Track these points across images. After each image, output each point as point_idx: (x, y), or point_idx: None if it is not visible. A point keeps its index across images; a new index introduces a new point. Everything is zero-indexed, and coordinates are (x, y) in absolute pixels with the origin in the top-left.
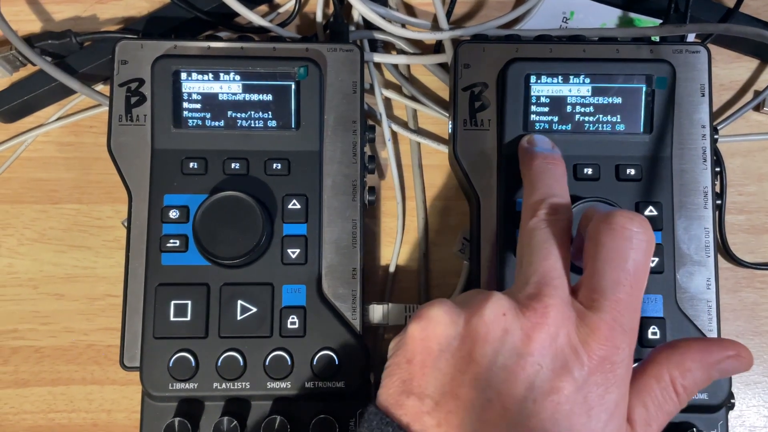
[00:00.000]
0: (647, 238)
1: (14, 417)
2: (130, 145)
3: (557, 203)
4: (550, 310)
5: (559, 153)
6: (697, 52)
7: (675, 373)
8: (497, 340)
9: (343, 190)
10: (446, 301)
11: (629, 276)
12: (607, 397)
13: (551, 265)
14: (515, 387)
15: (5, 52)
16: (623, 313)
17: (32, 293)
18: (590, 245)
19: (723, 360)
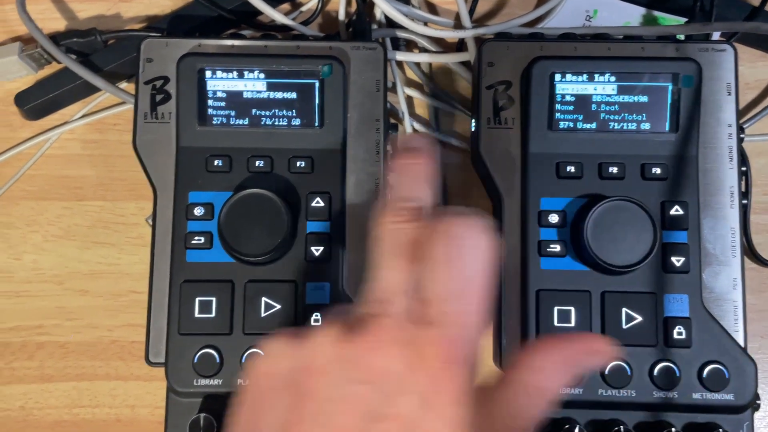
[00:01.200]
0: (481, 244)
1: (39, 412)
2: (156, 142)
3: (409, 208)
4: (384, 333)
5: (429, 151)
6: (723, 51)
7: (531, 377)
8: (330, 371)
9: (366, 188)
10: (288, 333)
11: (466, 288)
12: (453, 416)
13: (394, 281)
14: (349, 417)
15: (31, 50)
16: (461, 325)
17: (57, 289)
18: (425, 256)
19: (578, 355)
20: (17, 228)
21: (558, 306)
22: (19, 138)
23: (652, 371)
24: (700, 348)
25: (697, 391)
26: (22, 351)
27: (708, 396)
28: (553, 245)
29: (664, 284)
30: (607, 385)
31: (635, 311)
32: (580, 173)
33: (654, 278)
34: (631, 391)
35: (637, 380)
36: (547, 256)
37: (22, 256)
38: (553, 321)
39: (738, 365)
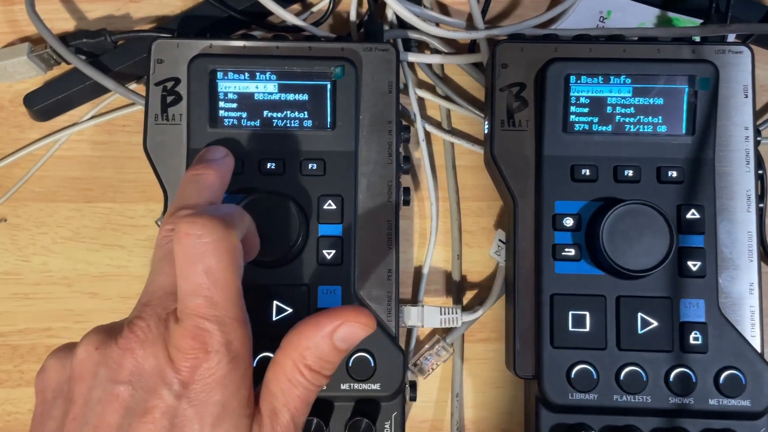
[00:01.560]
0: (214, 238)
1: None
2: (166, 144)
3: (182, 215)
4: (139, 333)
5: (220, 163)
6: (740, 53)
7: (295, 356)
8: (90, 375)
9: (378, 190)
10: (62, 347)
11: (204, 281)
12: (210, 402)
13: (159, 284)
14: (111, 417)
15: (40, 51)
16: (207, 318)
17: (66, 292)
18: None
19: (337, 329)
20: (26, 230)
21: (572, 310)
22: (28, 139)
23: (667, 377)
24: (717, 353)
25: (713, 397)
26: (31, 354)
27: (724, 402)
28: (568, 249)
29: (679, 289)
30: (622, 390)
31: (651, 316)
32: (595, 176)
33: (670, 283)
34: (647, 397)
35: (653, 386)
36: (562, 260)
37: (31, 258)
38: (567, 325)
39: (755, 371)
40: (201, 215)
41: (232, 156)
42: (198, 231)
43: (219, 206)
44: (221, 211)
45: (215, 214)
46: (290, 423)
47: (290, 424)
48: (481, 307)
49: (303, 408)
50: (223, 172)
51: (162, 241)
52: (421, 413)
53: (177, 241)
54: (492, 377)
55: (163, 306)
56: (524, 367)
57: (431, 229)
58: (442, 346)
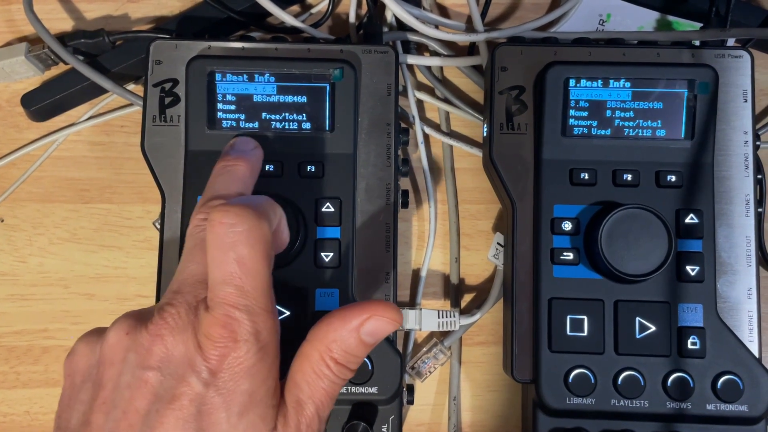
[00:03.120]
0: (247, 227)
1: (44, 417)
2: (164, 145)
3: (215, 204)
4: (169, 320)
5: (251, 155)
6: (740, 57)
7: (322, 348)
8: (120, 360)
9: (377, 193)
10: (91, 331)
11: (236, 270)
12: (238, 391)
13: (191, 272)
14: (139, 402)
15: (37, 51)
16: (238, 307)
17: (63, 293)
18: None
19: (364, 323)
20: (23, 230)
21: (571, 315)
22: (25, 139)
23: (665, 381)
24: (715, 358)
25: (710, 402)
26: (28, 355)
27: (722, 407)
28: (566, 253)
29: (678, 293)
30: (620, 395)
31: (649, 321)
32: (593, 180)
33: (668, 287)
34: (644, 402)
35: (650, 390)
36: (560, 264)
37: (27, 259)
38: (565, 330)
39: (752, 376)
40: (234, 204)
41: (261, 148)
42: (231, 219)
43: (251, 197)
44: (254, 201)
45: (249, 203)
46: (315, 415)
47: (314, 417)
48: (479, 310)
49: (327, 401)
50: (253, 163)
51: (194, 230)
52: (418, 416)
53: (210, 229)
54: (490, 381)
55: (194, 294)
56: (522, 371)
57: (429, 232)
58: (439, 350)
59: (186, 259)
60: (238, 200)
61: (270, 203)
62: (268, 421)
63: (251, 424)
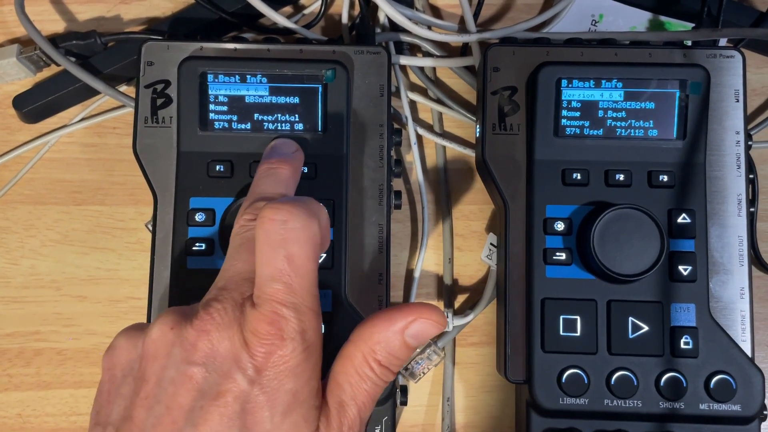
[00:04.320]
0: (299, 225)
1: (36, 420)
2: (156, 147)
3: (261, 206)
4: (215, 315)
5: (293, 157)
6: (731, 57)
7: (366, 350)
8: (164, 355)
9: (369, 194)
10: (133, 326)
11: (285, 267)
12: (282, 390)
13: (237, 270)
14: (183, 398)
15: (29, 53)
16: (286, 305)
17: (55, 295)
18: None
19: (409, 325)
20: (15, 232)
21: (563, 315)
22: (17, 141)
23: (658, 381)
24: (707, 358)
25: (703, 401)
26: (19, 357)
27: (715, 407)
28: (559, 253)
29: (670, 293)
30: (613, 395)
31: (641, 320)
32: (586, 180)
33: (661, 287)
34: (637, 402)
35: (643, 390)
36: (553, 264)
37: (19, 261)
38: (558, 330)
39: (745, 376)
40: (286, 202)
41: (302, 151)
42: (283, 217)
43: (301, 197)
44: (304, 200)
45: (301, 202)
46: (357, 417)
47: (356, 418)
48: (472, 311)
49: (369, 403)
50: (296, 166)
51: (240, 230)
52: (412, 418)
53: (260, 226)
54: (483, 381)
55: (240, 291)
56: (515, 371)
57: (423, 233)
58: (433, 350)
59: (232, 257)
60: (289, 199)
61: (318, 204)
62: (311, 422)
63: (294, 425)
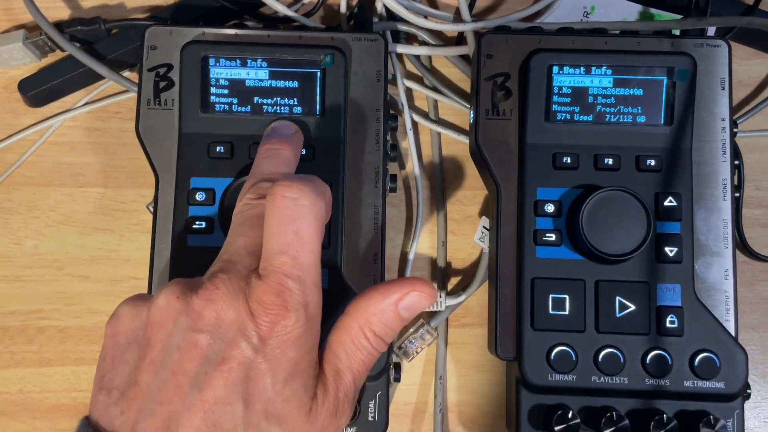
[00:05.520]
0: (308, 202)
1: (38, 395)
2: (158, 128)
3: (266, 186)
4: (220, 285)
5: (293, 138)
6: (717, 46)
7: (362, 320)
8: (170, 322)
9: (366, 176)
10: (136, 296)
11: (293, 241)
12: (285, 358)
13: (241, 244)
14: (188, 363)
15: (35, 38)
16: (291, 277)
17: (57, 274)
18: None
19: (403, 297)
20: (18, 213)
21: (553, 294)
22: (21, 124)
23: (644, 359)
24: (692, 337)
25: (688, 379)
26: (21, 335)
27: (699, 384)
28: (549, 234)
29: (657, 274)
30: (600, 372)
31: (628, 300)
32: (576, 164)
33: (647, 268)
34: (624, 379)
35: (630, 368)
36: (543, 245)
37: (22, 241)
38: (548, 308)
39: (729, 354)
40: (298, 180)
41: (301, 132)
42: (294, 194)
43: (308, 176)
44: (312, 179)
45: (310, 180)
46: (352, 384)
47: (351, 386)
48: (464, 292)
49: (363, 372)
50: (296, 147)
51: (243, 208)
52: (405, 396)
53: (271, 202)
54: (475, 361)
55: (244, 264)
56: (505, 349)
57: (417, 216)
58: (426, 330)
59: (235, 232)
60: (299, 177)
61: (324, 183)
62: (310, 389)
63: (294, 392)
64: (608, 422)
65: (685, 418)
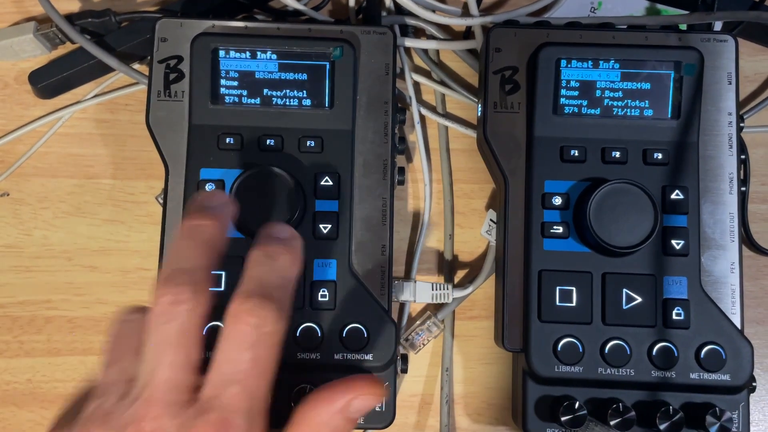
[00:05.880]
0: (271, 330)
1: (46, 385)
2: (168, 120)
3: (182, 288)
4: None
5: (221, 211)
6: (724, 41)
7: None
8: None
9: (374, 168)
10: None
11: (249, 369)
12: None
13: (164, 377)
14: None
15: (45, 30)
16: (240, 412)
17: (66, 265)
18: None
19: (348, 404)
20: (28, 204)
21: (560, 286)
22: (31, 116)
23: (650, 351)
24: (698, 329)
25: (694, 371)
26: (31, 325)
27: (705, 376)
28: (556, 227)
29: (663, 266)
30: (607, 363)
31: (635, 292)
32: (583, 157)
33: (654, 260)
34: (630, 370)
35: (636, 360)
36: (550, 237)
37: (32, 232)
38: (555, 300)
39: (735, 346)
40: (265, 304)
41: (230, 203)
42: (257, 320)
43: (267, 283)
44: (278, 295)
45: (274, 300)
46: None
47: None
48: (471, 284)
49: None
50: (223, 223)
51: (159, 319)
52: (411, 387)
53: (232, 323)
54: (481, 354)
55: (174, 394)
56: (512, 340)
57: (424, 210)
58: (433, 322)
59: (156, 355)
60: (265, 293)
61: (293, 251)
62: None
63: None
64: (614, 413)
65: (690, 410)
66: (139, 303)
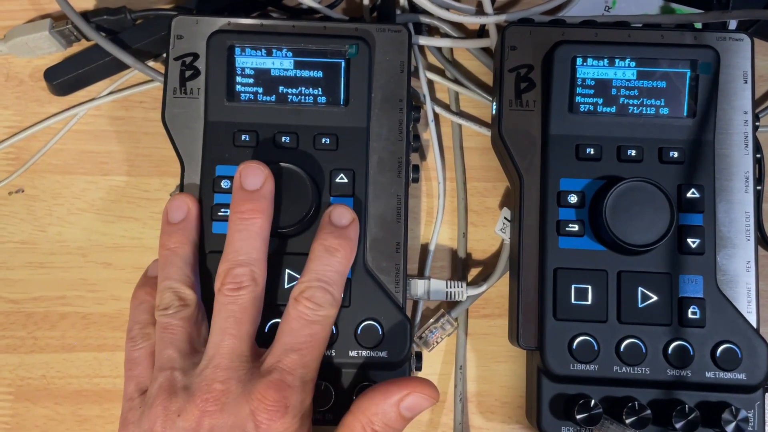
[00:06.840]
0: (328, 314)
1: (60, 381)
2: (184, 117)
3: (242, 273)
4: (220, 397)
5: (263, 203)
6: (740, 40)
7: (364, 420)
8: (168, 427)
9: (388, 166)
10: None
11: (306, 342)
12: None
13: (228, 348)
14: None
15: (61, 27)
16: (294, 374)
17: (81, 261)
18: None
19: (404, 398)
20: (43, 200)
21: (575, 284)
22: (46, 113)
23: (666, 350)
24: (714, 328)
25: (710, 370)
26: (45, 321)
27: (720, 375)
28: (572, 225)
29: (679, 265)
30: (622, 362)
31: (651, 291)
32: (599, 155)
33: (669, 259)
34: (646, 369)
35: (652, 358)
36: (566, 235)
37: (46, 228)
38: (570, 298)
39: (751, 345)
40: (322, 292)
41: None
42: (316, 306)
43: (329, 278)
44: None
45: (335, 289)
46: None
47: None
48: (485, 282)
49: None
50: (264, 211)
51: (224, 300)
52: None
53: (294, 304)
54: (495, 352)
55: (241, 365)
56: (527, 338)
57: (438, 208)
58: (447, 320)
59: (221, 331)
60: (328, 281)
61: (353, 241)
62: None
63: None
64: (630, 412)
65: (706, 409)
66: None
